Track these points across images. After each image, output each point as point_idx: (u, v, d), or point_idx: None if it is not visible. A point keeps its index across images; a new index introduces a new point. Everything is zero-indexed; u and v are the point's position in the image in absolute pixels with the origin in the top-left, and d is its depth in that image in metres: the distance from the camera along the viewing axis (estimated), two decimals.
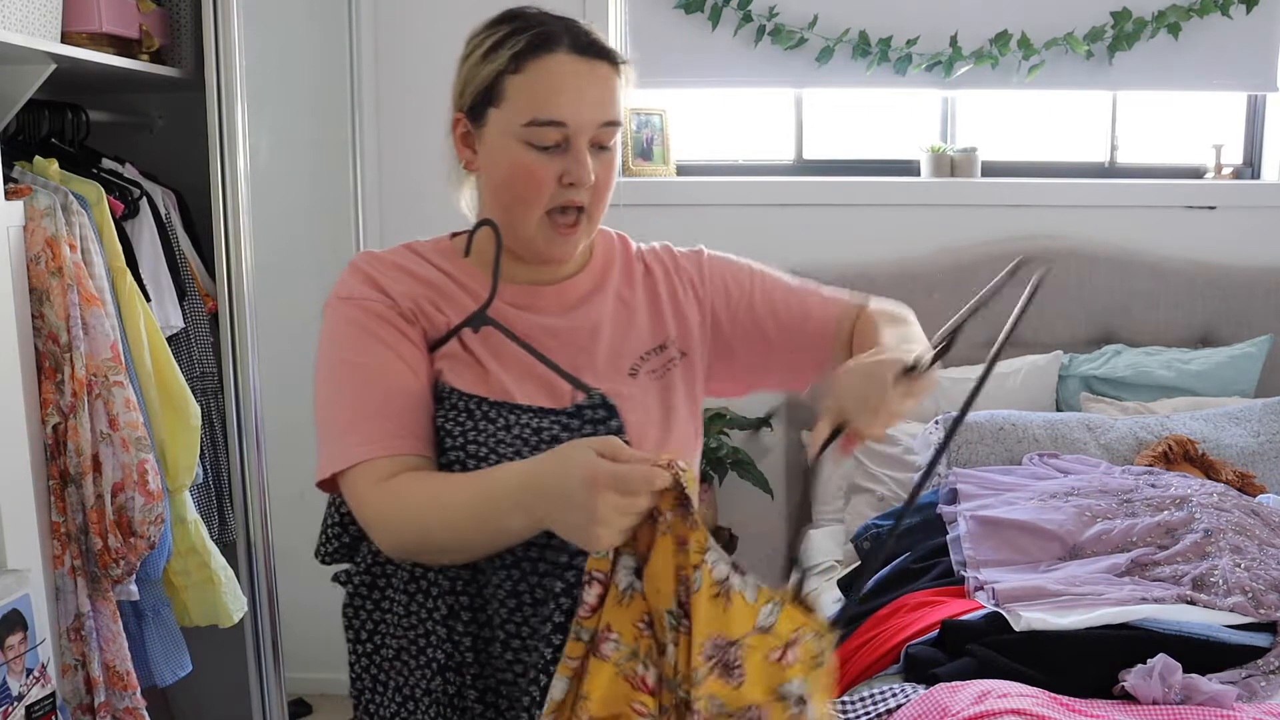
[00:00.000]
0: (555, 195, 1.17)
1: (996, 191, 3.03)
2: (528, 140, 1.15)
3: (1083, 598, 1.89)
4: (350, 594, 1.24)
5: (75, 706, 1.89)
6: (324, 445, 1.16)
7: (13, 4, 1.81)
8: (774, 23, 2.96)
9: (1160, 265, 2.96)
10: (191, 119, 2.27)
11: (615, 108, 1.18)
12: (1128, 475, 2.33)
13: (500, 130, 1.17)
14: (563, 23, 1.18)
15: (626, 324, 1.26)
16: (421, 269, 1.24)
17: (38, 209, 1.83)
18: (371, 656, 1.23)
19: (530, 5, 1.22)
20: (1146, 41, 2.96)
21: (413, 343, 1.18)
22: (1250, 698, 1.67)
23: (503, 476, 1.05)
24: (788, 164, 3.19)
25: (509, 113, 1.16)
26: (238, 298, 2.26)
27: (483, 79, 1.19)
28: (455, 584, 1.16)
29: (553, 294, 1.25)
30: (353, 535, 1.24)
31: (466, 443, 1.14)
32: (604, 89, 1.17)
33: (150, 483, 1.92)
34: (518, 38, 1.17)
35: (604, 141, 1.17)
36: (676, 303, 1.29)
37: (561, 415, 1.15)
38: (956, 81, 2.99)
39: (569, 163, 1.15)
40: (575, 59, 1.15)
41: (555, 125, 1.14)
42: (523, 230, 1.19)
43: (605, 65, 1.17)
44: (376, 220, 2.97)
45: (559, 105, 1.14)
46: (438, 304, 1.21)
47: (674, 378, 1.26)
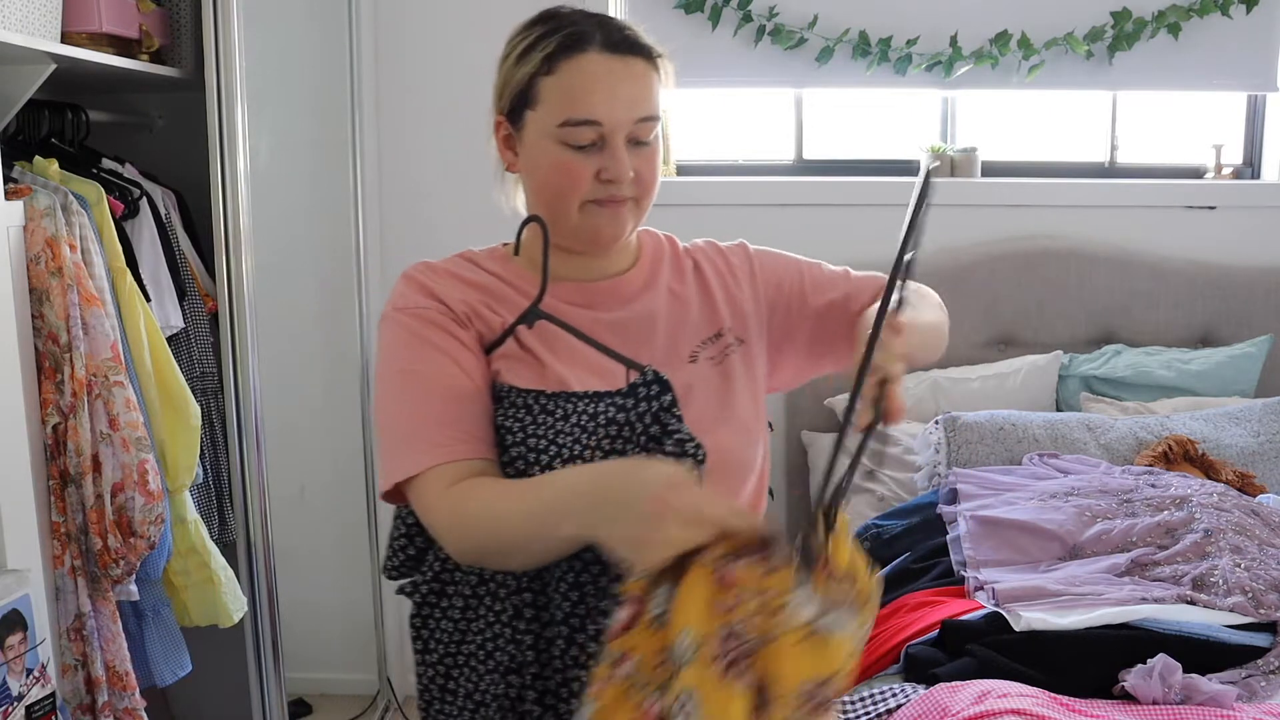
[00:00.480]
0: (594, 190, 1.18)
1: (996, 191, 3.03)
2: (564, 140, 1.16)
3: (1083, 598, 1.89)
4: (418, 604, 1.24)
5: (75, 706, 1.89)
6: (387, 456, 1.17)
7: (13, 4, 1.81)
8: (774, 23, 2.96)
9: (1160, 265, 2.96)
10: (191, 119, 2.26)
11: (650, 103, 1.18)
12: (1128, 475, 2.33)
13: (538, 131, 1.19)
14: (596, 21, 1.19)
15: (681, 316, 1.28)
16: (473, 274, 1.26)
17: (38, 209, 1.83)
18: (439, 665, 1.23)
19: (565, 5, 1.23)
20: (1146, 41, 2.96)
21: (468, 347, 1.19)
22: (1250, 698, 1.67)
23: (562, 481, 1.06)
24: (788, 164, 3.19)
25: (544, 114, 1.18)
26: (238, 298, 2.26)
27: (518, 82, 1.20)
28: (520, 583, 1.16)
29: (607, 289, 1.26)
30: (419, 547, 1.24)
31: (526, 437, 1.14)
32: (638, 85, 1.17)
33: (150, 483, 1.92)
34: (549, 39, 1.18)
35: (642, 136, 1.18)
36: (729, 293, 1.30)
37: (616, 396, 1.15)
38: (956, 81, 2.99)
39: (606, 160, 1.16)
40: (607, 57, 1.16)
41: (590, 124, 1.15)
42: (566, 223, 1.20)
43: (639, 61, 1.18)
44: (376, 220, 2.98)
45: (592, 104, 1.15)
46: (491, 306, 1.22)
47: (733, 363, 1.26)
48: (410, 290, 1.23)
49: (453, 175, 2.95)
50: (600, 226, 1.20)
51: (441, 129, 2.95)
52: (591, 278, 1.26)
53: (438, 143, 2.96)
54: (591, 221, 1.20)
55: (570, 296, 1.24)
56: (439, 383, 1.16)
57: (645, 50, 1.19)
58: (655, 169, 1.21)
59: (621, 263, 1.28)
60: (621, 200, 1.19)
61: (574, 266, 1.25)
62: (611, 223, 1.20)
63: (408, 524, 1.24)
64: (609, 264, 1.27)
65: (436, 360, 1.17)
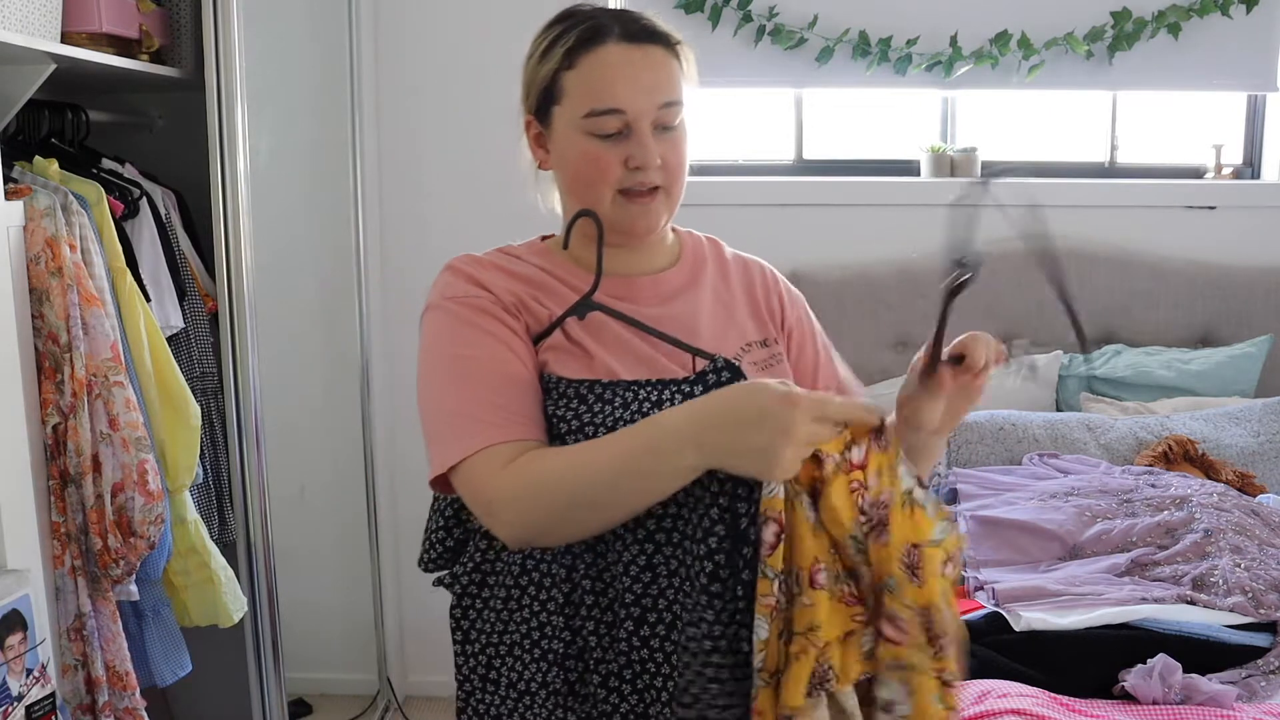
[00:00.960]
0: (624, 179, 1.19)
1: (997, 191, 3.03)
2: (590, 131, 1.18)
3: (1083, 598, 1.89)
4: (458, 595, 1.24)
5: (75, 706, 1.89)
6: (436, 442, 1.18)
7: (13, 4, 1.81)
8: (774, 23, 2.96)
9: (1160, 265, 2.96)
10: (191, 119, 2.26)
11: (673, 88, 1.20)
12: (1128, 475, 2.33)
13: (565, 126, 1.21)
14: (613, 14, 1.22)
15: (725, 318, 1.29)
16: (518, 267, 1.27)
17: (38, 209, 1.83)
18: (479, 655, 1.23)
19: (582, 3, 1.25)
20: (1146, 41, 2.96)
21: (518, 335, 1.21)
22: (1250, 698, 1.67)
23: (664, 419, 1.07)
24: (788, 164, 3.19)
25: (569, 108, 1.20)
26: (238, 298, 2.26)
27: (542, 79, 1.23)
28: (574, 571, 1.16)
29: (649, 285, 1.27)
30: (458, 538, 1.26)
31: (583, 425, 1.15)
32: (659, 71, 1.19)
33: (150, 483, 1.92)
34: (568, 35, 1.20)
35: (667, 122, 1.19)
36: (771, 309, 1.33)
37: (684, 384, 1.16)
38: (956, 81, 2.99)
39: (632, 147, 1.18)
40: (626, 47, 1.19)
41: (614, 113, 1.17)
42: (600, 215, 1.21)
43: (658, 49, 1.20)
44: (376, 220, 2.98)
45: (614, 93, 1.17)
46: (538, 298, 1.24)
47: (779, 370, 1.28)
48: (458, 280, 1.24)
49: (453, 175, 2.95)
50: (633, 219, 1.21)
51: (441, 129, 2.95)
52: (632, 273, 1.27)
53: (437, 143, 2.96)
54: (624, 214, 1.21)
55: (611, 290, 1.24)
56: (492, 367, 1.18)
57: (663, 38, 1.21)
58: (682, 154, 1.22)
59: (662, 260, 1.30)
60: (651, 190, 1.20)
61: (614, 261, 1.25)
62: (644, 215, 1.21)
63: (446, 516, 1.26)
64: (649, 260, 1.28)
65: (489, 345, 1.19)
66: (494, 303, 1.21)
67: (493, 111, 2.96)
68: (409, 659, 3.16)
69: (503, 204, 2.94)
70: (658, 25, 1.22)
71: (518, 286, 1.24)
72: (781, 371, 1.28)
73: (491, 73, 2.93)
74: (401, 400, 3.05)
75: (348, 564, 3.07)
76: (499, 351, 1.18)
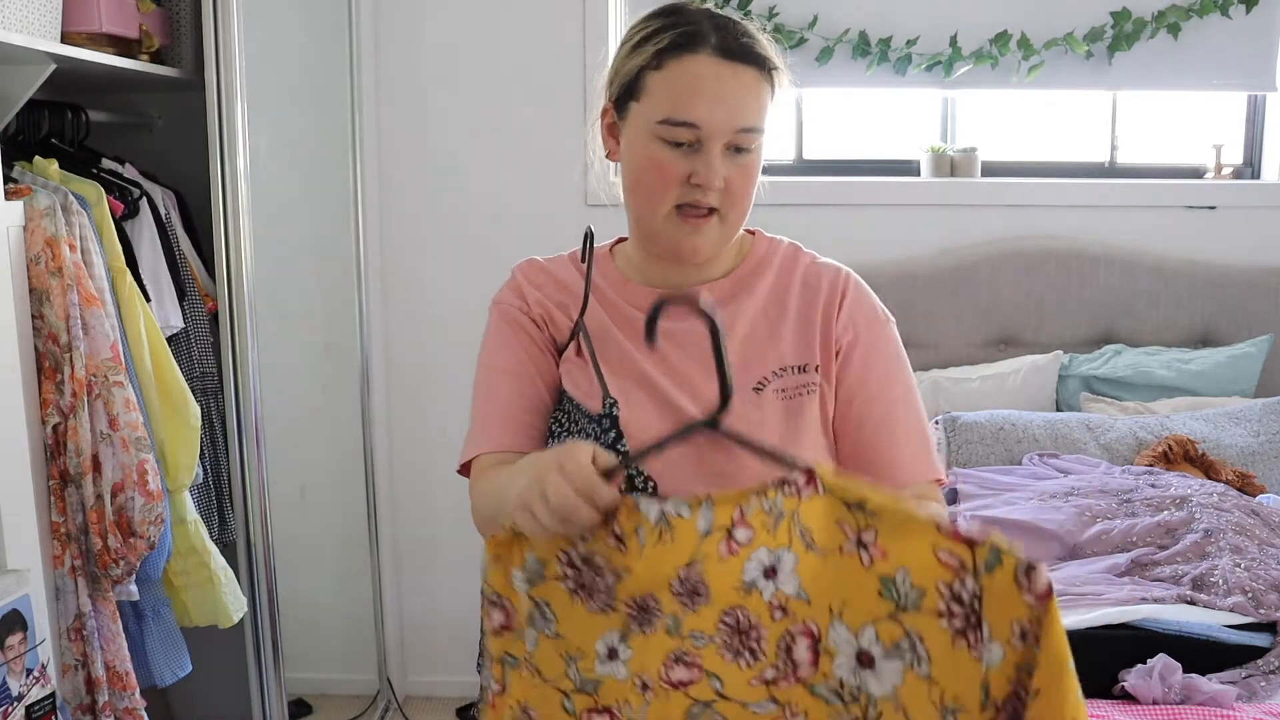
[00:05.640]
0: (683, 193, 1.17)
1: (997, 191, 3.03)
2: (661, 137, 1.16)
3: (1083, 598, 1.89)
4: None
5: (75, 706, 1.89)
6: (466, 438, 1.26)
7: (13, 4, 1.81)
8: (774, 23, 2.96)
9: (1160, 265, 2.96)
10: (191, 119, 2.26)
11: (755, 114, 1.17)
12: (1128, 475, 2.33)
13: (639, 124, 1.19)
14: (716, 22, 1.18)
15: (766, 335, 1.24)
16: (564, 273, 1.29)
17: (38, 209, 1.83)
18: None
19: (694, 1, 1.23)
20: (1146, 41, 2.96)
21: (540, 347, 1.25)
22: (1250, 698, 1.67)
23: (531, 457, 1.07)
24: (788, 164, 3.19)
25: (647, 108, 1.17)
26: (238, 298, 2.26)
27: (627, 72, 1.20)
28: None
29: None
30: None
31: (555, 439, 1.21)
32: (745, 94, 1.16)
33: (150, 483, 1.92)
34: (664, 34, 1.17)
35: (742, 145, 1.17)
36: (828, 331, 1.23)
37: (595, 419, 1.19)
38: (956, 81, 2.99)
39: (698, 163, 1.15)
40: (718, 61, 1.15)
41: (688, 126, 1.15)
42: (651, 223, 1.20)
43: (750, 70, 1.17)
44: (376, 220, 2.98)
45: (693, 107, 1.14)
46: (568, 309, 1.26)
47: (807, 402, 1.20)
48: (507, 286, 1.30)
49: (453, 174, 2.95)
50: (680, 239, 1.19)
51: (442, 128, 2.95)
52: (673, 284, 1.25)
53: (438, 142, 2.96)
54: (675, 231, 1.19)
55: (642, 301, 1.24)
56: (506, 379, 1.24)
57: (760, 60, 1.18)
58: (749, 181, 1.19)
59: (715, 270, 1.26)
60: (706, 212, 1.17)
61: (661, 271, 1.25)
62: (692, 236, 1.19)
63: None
64: (697, 271, 1.25)
65: (509, 356, 1.25)
66: (524, 313, 1.27)
67: (493, 111, 2.97)
68: (409, 659, 3.16)
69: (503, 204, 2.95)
70: (757, 46, 1.18)
71: (552, 295, 1.27)
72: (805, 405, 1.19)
73: (492, 72, 2.93)
74: (401, 400, 3.05)
75: (348, 564, 3.07)
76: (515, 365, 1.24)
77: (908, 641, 0.82)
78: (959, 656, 0.79)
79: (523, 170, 2.91)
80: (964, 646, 0.79)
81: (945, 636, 0.80)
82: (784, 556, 0.88)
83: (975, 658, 0.79)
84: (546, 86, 2.89)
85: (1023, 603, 0.77)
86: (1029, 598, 0.77)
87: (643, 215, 1.21)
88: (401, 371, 3.04)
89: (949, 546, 0.80)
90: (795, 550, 0.88)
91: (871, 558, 0.83)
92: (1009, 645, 0.78)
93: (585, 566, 0.95)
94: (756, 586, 0.89)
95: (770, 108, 1.19)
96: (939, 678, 0.81)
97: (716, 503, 0.91)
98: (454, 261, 2.96)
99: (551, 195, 2.82)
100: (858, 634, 0.85)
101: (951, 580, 0.80)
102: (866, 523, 0.84)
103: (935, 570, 0.80)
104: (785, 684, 0.89)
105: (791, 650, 0.89)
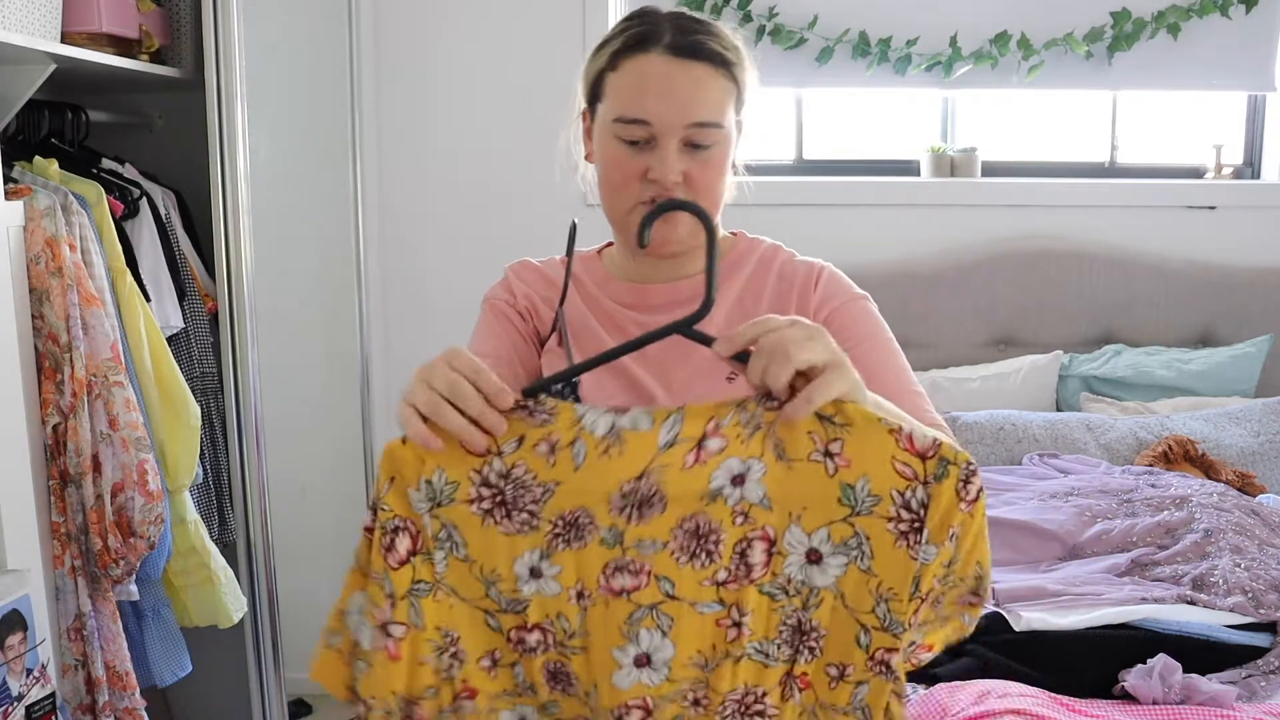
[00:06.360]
0: (643, 189, 1.19)
1: (997, 191, 3.03)
2: (618, 135, 1.19)
3: (1083, 598, 1.89)
4: None
5: (75, 706, 1.89)
6: None
7: (13, 4, 1.81)
8: (774, 23, 2.96)
9: (1160, 265, 2.96)
10: (191, 119, 2.26)
11: (710, 109, 1.17)
12: (1128, 475, 2.33)
13: (602, 124, 1.22)
14: (675, 23, 1.20)
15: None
16: (552, 271, 1.32)
17: (38, 209, 1.83)
18: None
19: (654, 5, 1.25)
20: (1146, 41, 2.96)
21: (524, 337, 1.28)
22: (1250, 698, 1.67)
23: None
24: (788, 164, 3.19)
25: (607, 108, 1.21)
26: (238, 298, 2.26)
27: (591, 75, 1.24)
28: None
29: (662, 292, 1.27)
30: None
31: None
32: (697, 90, 1.17)
33: (150, 483, 1.92)
34: (620, 37, 1.20)
35: (698, 141, 1.18)
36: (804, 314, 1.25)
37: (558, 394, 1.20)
38: (956, 81, 2.99)
39: (653, 159, 1.17)
40: (668, 59, 1.17)
41: (639, 123, 1.17)
42: (619, 219, 1.23)
43: (703, 66, 1.17)
44: (376, 220, 2.98)
45: (644, 104, 1.16)
46: (553, 303, 1.29)
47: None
48: (499, 283, 1.34)
49: (453, 175, 2.95)
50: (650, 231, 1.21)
51: (441, 128, 2.95)
52: (651, 279, 1.27)
53: (437, 142, 2.96)
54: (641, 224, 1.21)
55: (622, 297, 1.27)
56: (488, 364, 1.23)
57: (713, 56, 1.18)
58: (711, 175, 1.20)
59: (691, 266, 1.28)
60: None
61: (640, 267, 1.27)
62: (662, 228, 1.19)
63: None
64: (675, 267, 1.27)
65: (493, 345, 1.27)
66: (511, 305, 1.30)
67: (493, 110, 2.97)
68: None
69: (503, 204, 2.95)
70: (711, 42, 1.19)
71: (538, 290, 1.30)
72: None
73: (492, 71, 2.93)
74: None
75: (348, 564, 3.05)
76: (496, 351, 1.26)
77: (855, 540, 0.92)
78: (898, 554, 0.91)
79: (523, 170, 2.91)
80: (904, 547, 0.91)
81: (890, 538, 0.91)
82: (754, 465, 0.92)
83: (912, 557, 0.90)
84: (547, 87, 2.88)
85: (959, 510, 0.89)
86: (964, 506, 0.89)
87: (611, 212, 1.24)
88: (401, 371, 3.03)
89: (905, 458, 0.90)
90: (765, 460, 0.92)
91: (836, 466, 0.91)
92: (943, 547, 0.90)
93: (504, 482, 0.93)
94: (722, 494, 0.92)
95: (730, 103, 1.20)
96: (878, 570, 0.92)
97: (689, 415, 0.92)
98: (454, 261, 2.95)
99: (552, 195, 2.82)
100: (811, 535, 0.93)
101: (905, 489, 0.90)
102: (835, 434, 0.91)
103: (892, 479, 0.90)
104: (735, 585, 0.93)
105: (746, 554, 0.93)
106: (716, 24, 1.23)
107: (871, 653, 0.93)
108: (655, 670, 0.94)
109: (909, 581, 0.91)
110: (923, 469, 0.89)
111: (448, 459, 0.93)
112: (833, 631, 0.94)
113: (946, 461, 0.89)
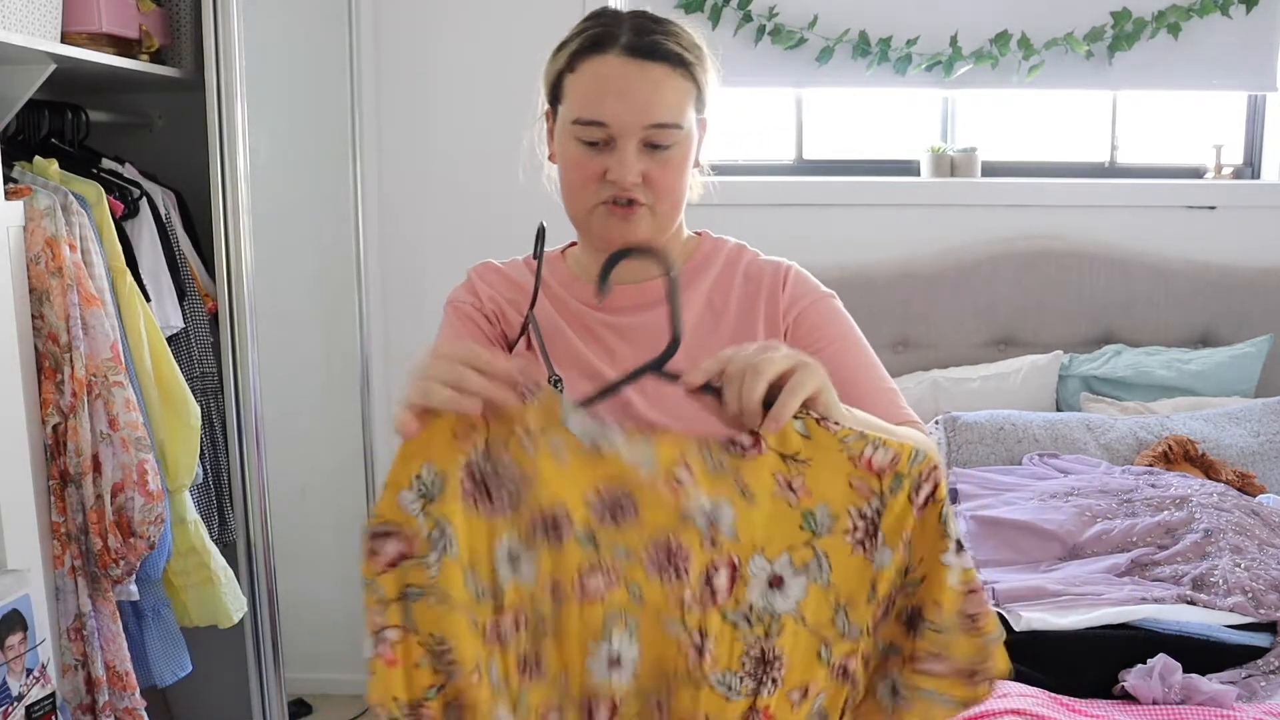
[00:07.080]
0: (601, 189, 1.19)
1: (997, 191, 3.03)
2: (577, 137, 1.19)
3: (1083, 598, 1.89)
4: None
5: (75, 706, 1.89)
6: None
7: (13, 4, 1.81)
8: (774, 23, 2.96)
9: (1160, 265, 2.96)
10: (191, 119, 2.27)
11: (667, 110, 1.17)
12: (1128, 475, 2.33)
13: (561, 126, 1.22)
14: (634, 23, 1.20)
15: (710, 330, 1.26)
16: (517, 273, 1.32)
17: (38, 209, 1.83)
18: None
19: (612, 6, 1.25)
20: (1146, 41, 2.96)
21: (491, 340, 1.27)
22: (1250, 698, 1.67)
23: None
24: (788, 164, 3.19)
25: (566, 109, 1.21)
26: (238, 298, 2.26)
27: (551, 76, 1.24)
28: None
29: (630, 293, 1.27)
30: None
31: None
32: (655, 91, 1.17)
33: (150, 483, 1.92)
34: (578, 38, 1.20)
35: (656, 141, 1.18)
36: (773, 322, 1.27)
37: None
38: (956, 81, 2.99)
39: (612, 160, 1.18)
40: (624, 60, 1.17)
41: (597, 125, 1.17)
42: (581, 220, 1.24)
43: (659, 66, 1.17)
44: (376, 220, 2.98)
45: (600, 106, 1.16)
46: (519, 306, 1.28)
47: None
48: (463, 285, 1.34)
49: (453, 175, 2.95)
50: (611, 230, 1.21)
51: (441, 128, 2.95)
52: (621, 280, 1.26)
53: (438, 142, 2.96)
54: (604, 225, 1.21)
55: (588, 297, 1.27)
56: None
57: (670, 56, 1.18)
58: (671, 175, 1.20)
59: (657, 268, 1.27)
60: (632, 205, 1.19)
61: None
62: (624, 229, 1.20)
63: None
64: (642, 268, 1.26)
65: None
66: (477, 309, 1.29)
67: (493, 111, 2.97)
68: None
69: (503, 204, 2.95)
70: (669, 42, 1.19)
71: (505, 293, 1.30)
72: None
73: (492, 72, 2.93)
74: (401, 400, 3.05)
75: (348, 564, 3.04)
76: None
77: (816, 561, 0.95)
78: (855, 561, 0.94)
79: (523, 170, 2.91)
80: (860, 553, 0.94)
81: (847, 548, 0.94)
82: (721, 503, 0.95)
83: (868, 560, 0.94)
84: None
85: (912, 516, 0.93)
86: (915, 512, 0.93)
87: (573, 213, 1.24)
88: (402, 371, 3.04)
89: (862, 476, 0.94)
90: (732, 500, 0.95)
91: (798, 498, 0.95)
92: (896, 551, 0.94)
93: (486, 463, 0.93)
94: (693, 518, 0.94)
95: (690, 103, 1.20)
96: (837, 583, 0.95)
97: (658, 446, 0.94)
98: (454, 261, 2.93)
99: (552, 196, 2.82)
100: (773, 562, 0.95)
101: (862, 504, 0.94)
102: (797, 471, 0.95)
103: (849, 497, 0.94)
104: (698, 609, 0.95)
105: (712, 579, 0.95)
106: (676, 24, 1.23)
107: (833, 665, 0.96)
108: (623, 669, 0.95)
109: (866, 585, 0.94)
110: (878, 485, 0.93)
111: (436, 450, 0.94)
112: (794, 657, 0.95)
113: (901, 476, 0.93)
